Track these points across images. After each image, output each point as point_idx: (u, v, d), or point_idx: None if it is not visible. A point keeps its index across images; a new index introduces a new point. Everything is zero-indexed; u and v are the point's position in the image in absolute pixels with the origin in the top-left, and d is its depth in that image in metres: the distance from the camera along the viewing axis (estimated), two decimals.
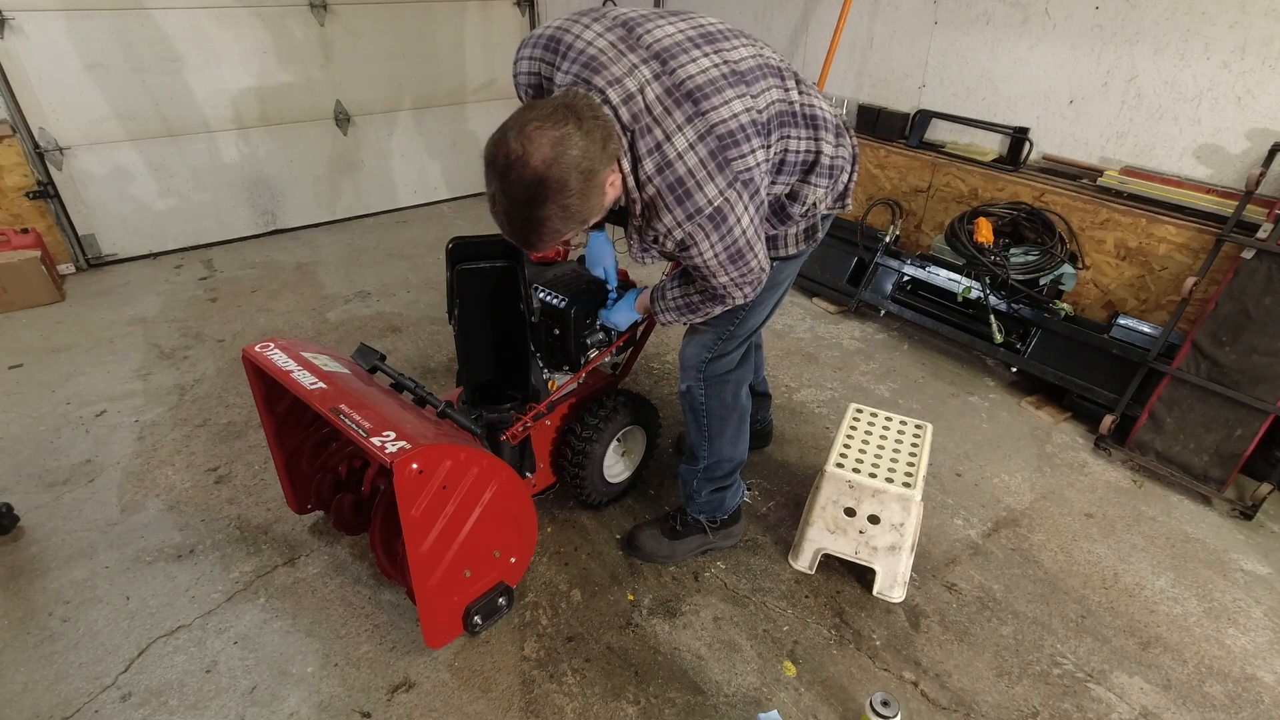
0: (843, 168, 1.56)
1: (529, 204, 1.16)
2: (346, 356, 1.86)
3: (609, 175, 1.23)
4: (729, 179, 1.26)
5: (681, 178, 1.24)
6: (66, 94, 3.46)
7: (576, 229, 1.26)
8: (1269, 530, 2.22)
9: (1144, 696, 1.68)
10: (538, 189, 1.14)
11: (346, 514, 1.89)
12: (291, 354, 1.71)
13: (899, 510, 1.79)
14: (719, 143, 1.25)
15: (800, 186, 1.50)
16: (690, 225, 1.28)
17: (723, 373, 1.75)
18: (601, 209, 1.27)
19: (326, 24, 4.09)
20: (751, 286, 1.46)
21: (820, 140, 1.48)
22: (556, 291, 2.02)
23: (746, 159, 1.29)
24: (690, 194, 1.25)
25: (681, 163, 1.23)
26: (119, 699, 1.62)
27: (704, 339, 1.73)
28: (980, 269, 2.83)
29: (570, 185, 1.15)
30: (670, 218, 1.28)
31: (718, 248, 1.32)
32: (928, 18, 3.29)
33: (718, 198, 1.26)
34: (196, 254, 4.05)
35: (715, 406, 1.79)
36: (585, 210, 1.21)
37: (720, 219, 1.28)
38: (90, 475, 2.29)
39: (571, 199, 1.16)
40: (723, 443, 1.84)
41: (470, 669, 1.70)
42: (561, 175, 1.14)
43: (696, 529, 1.99)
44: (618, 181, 1.27)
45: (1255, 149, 2.48)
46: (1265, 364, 2.26)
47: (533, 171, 1.13)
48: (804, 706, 1.64)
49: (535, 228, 1.20)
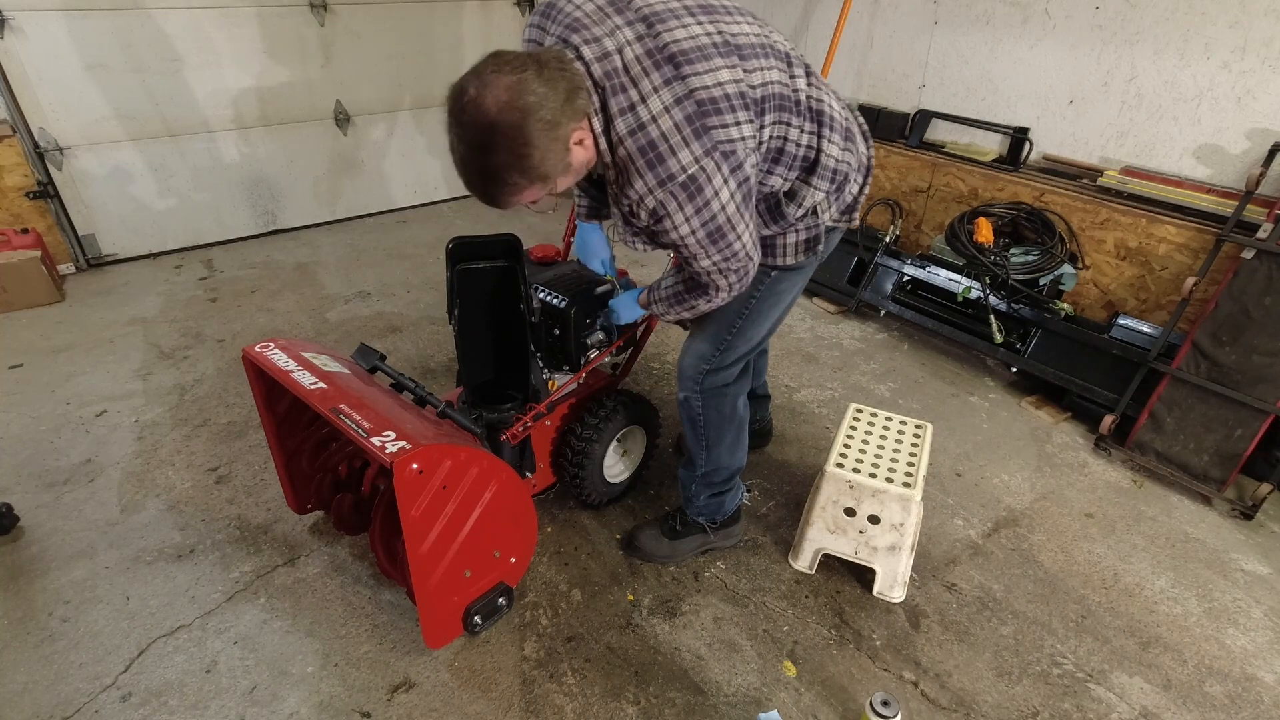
0: (848, 174, 1.48)
1: (482, 150, 1.12)
2: (346, 356, 1.86)
3: (574, 131, 1.16)
4: (706, 147, 1.18)
5: (654, 141, 1.16)
6: (66, 94, 3.46)
7: (539, 187, 1.20)
8: (1269, 530, 2.22)
9: (1144, 696, 1.68)
10: (490, 134, 1.09)
11: (346, 514, 1.89)
12: (291, 354, 1.71)
13: (899, 510, 1.79)
14: (698, 108, 1.17)
15: (800, 186, 1.43)
16: (662, 193, 1.19)
17: (720, 385, 1.72)
18: (568, 168, 1.21)
19: (326, 24, 4.09)
20: (737, 276, 1.38)
21: (824, 138, 1.41)
22: (556, 291, 2.02)
23: (729, 130, 1.20)
24: (663, 159, 1.17)
25: (655, 126, 1.16)
26: (119, 699, 1.62)
27: (701, 349, 1.70)
28: (980, 269, 2.83)
29: (525, 133, 1.09)
30: (641, 184, 1.20)
31: (694, 222, 1.23)
32: (928, 18, 3.29)
33: (692, 165, 1.17)
34: (196, 254, 4.05)
35: (713, 417, 1.77)
36: (544, 164, 1.14)
37: (695, 189, 1.19)
38: (90, 475, 2.29)
39: (527, 148, 1.11)
40: (720, 451, 1.83)
41: (470, 669, 1.70)
42: (515, 120, 1.08)
43: (696, 529, 1.98)
44: (588, 141, 1.21)
45: (1255, 149, 2.48)
46: (1265, 364, 2.26)
47: (485, 115, 1.08)
48: (804, 706, 1.64)
49: (491, 178, 1.16)
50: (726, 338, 1.66)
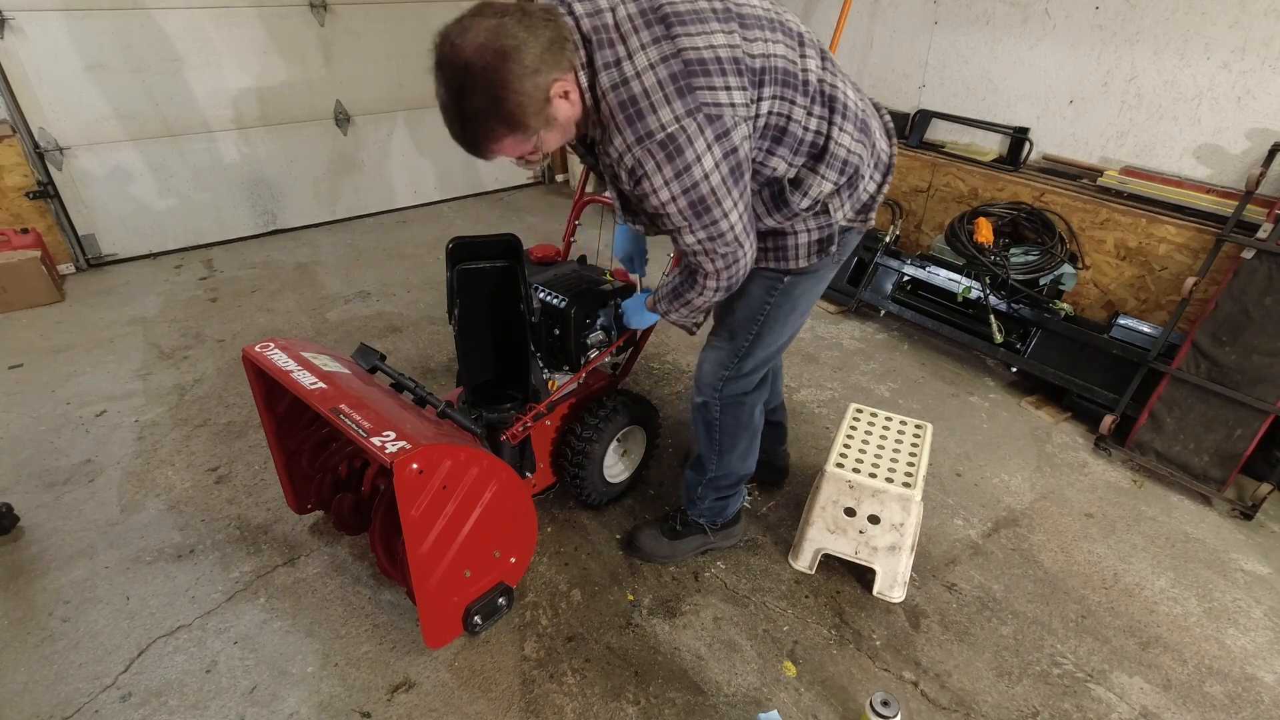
0: (858, 167, 1.39)
1: (460, 92, 1.11)
2: (346, 356, 1.86)
3: (555, 81, 1.14)
4: (689, 106, 1.14)
5: (635, 96, 1.14)
6: (66, 94, 3.46)
7: (519, 137, 1.17)
8: (1269, 530, 2.22)
9: (1144, 696, 1.68)
10: (466, 75, 1.09)
11: (346, 514, 1.89)
12: (291, 354, 1.71)
13: (899, 510, 1.79)
14: (684, 67, 1.14)
15: (806, 174, 1.36)
16: (639, 150, 1.15)
17: (739, 394, 1.71)
18: (550, 121, 1.18)
19: (326, 24, 4.09)
20: (724, 261, 1.32)
21: (834, 125, 1.33)
22: (556, 291, 2.02)
23: (717, 93, 1.15)
24: (642, 115, 1.14)
25: (638, 81, 1.13)
26: (119, 699, 1.62)
27: (719, 356, 1.68)
28: (980, 269, 2.83)
29: (501, 75, 1.08)
30: (620, 140, 1.17)
31: (674, 187, 1.18)
32: (928, 18, 3.29)
33: (672, 124, 1.13)
34: (196, 254, 4.05)
35: (729, 424, 1.76)
36: (521, 111, 1.12)
37: (674, 150, 1.15)
38: (90, 475, 2.29)
39: (503, 91, 1.09)
40: (732, 458, 1.83)
41: (470, 669, 1.70)
42: (492, 63, 1.07)
43: (696, 529, 1.98)
44: (574, 96, 1.18)
45: (1255, 149, 2.48)
46: (1265, 364, 2.26)
47: (462, 57, 1.08)
48: (804, 706, 1.64)
49: (469, 121, 1.14)
50: (744, 344, 1.64)
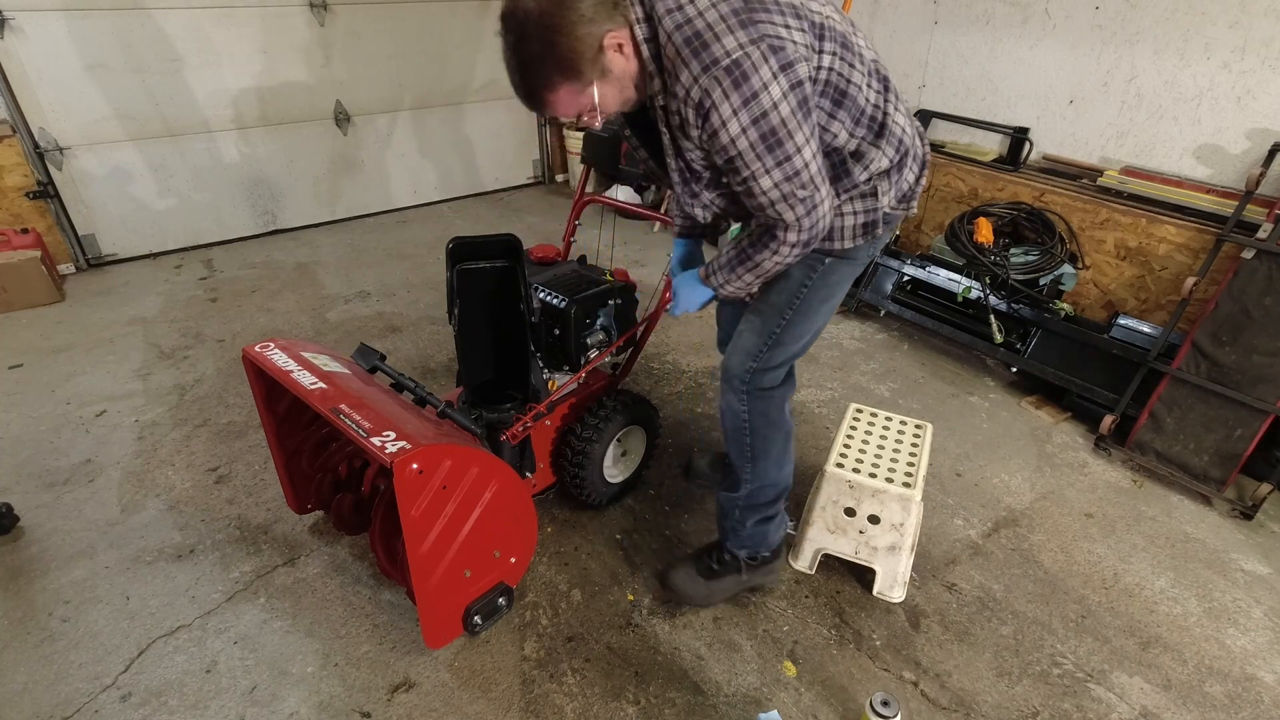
0: (908, 153, 1.44)
1: (520, 40, 1.20)
2: (346, 356, 1.86)
3: (609, 32, 1.21)
4: (753, 36, 1.17)
5: (699, 31, 1.18)
6: (66, 94, 3.47)
7: (575, 86, 1.24)
8: (1269, 530, 2.22)
9: (1144, 696, 1.68)
10: (525, 24, 1.18)
11: (346, 514, 1.89)
12: (291, 354, 1.71)
13: (899, 510, 1.79)
14: (745, 3, 1.19)
15: (868, 148, 1.38)
16: (706, 79, 1.18)
17: (767, 387, 1.64)
18: (605, 73, 1.25)
19: (326, 24, 4.09)
20: (805, 208, 1.29)
21: (890, 103, 1.38)
22: (556, 291, 2.03)
23: (777, 27, 1.19)
24: (707, 44, 1.18)
25: (701, 18, 1.19)
26: (119, 699, 1.62)
27: (748, 344, 1.62)
28: (980, 269, 2.83)
29: (556, 20, 1.17)
30: (687, 73, 1.20)
31: (743, 117, 1.19)
32: (928, 17, 3.29)
33: (736, 50, 1.16)
34: (196, 254, 4.05)
35: (759, 423, 1.67)
36: (576, 57, 1.20)
37: (740, 76, 1.16)
38: (90, 475, 2.29)
39: (557, 36, 1.17)
40: (768, 464, 1.71)
41: (470, 669, 1.70)
42: (547, 9, 1.17)
43: (733, 568, 1.84)
44: (628, 49, 1.25)
45: (1255, 149, 2.48)
46: (1265, 364, 2.26)
47: (523, 7, 1.18)
48: (804, 706, 1.64)
49: (527, 69, 1.23)
50: (775, 330, 1.59)
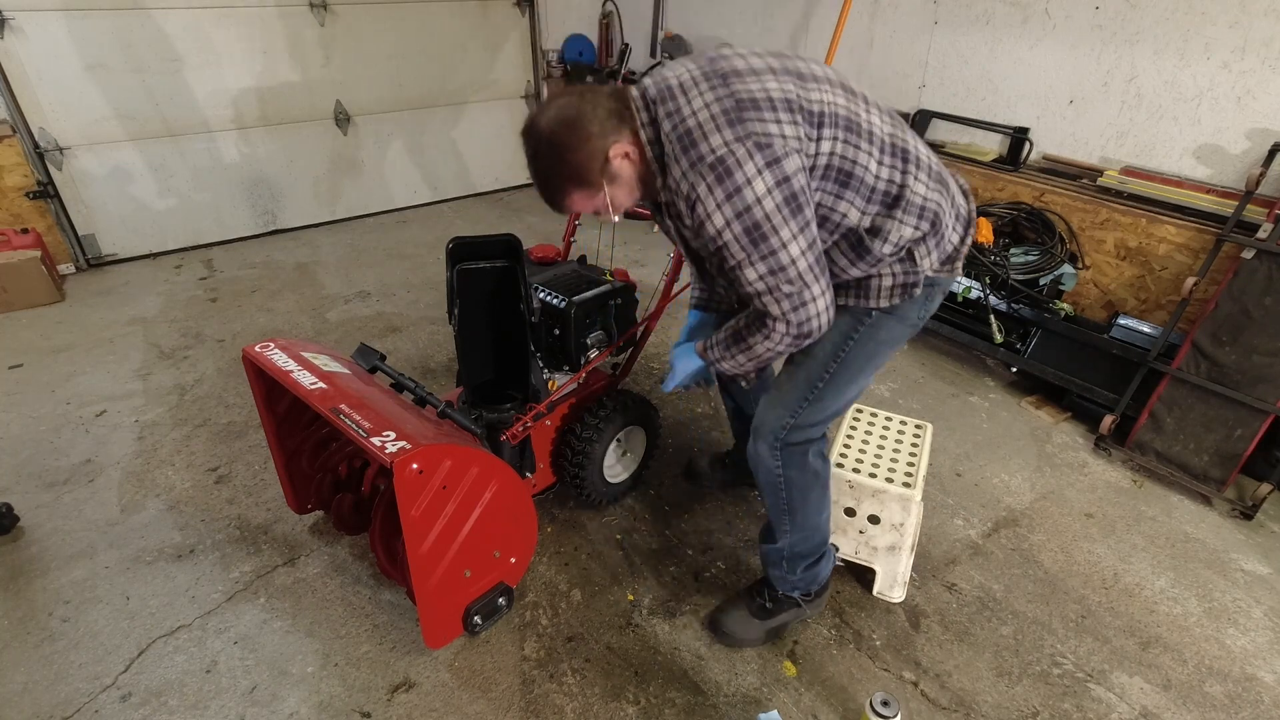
0: (940, 215, 1.38)
1: (536, 156, 1.34)
2: (346, 356, 1.86)
3: (614, 143, 1.30)
4: (738, 134, 1.21)
5: (690, 129, 1.25)
6: (66, 94, 3.47)
7: (588, 192, 1.35)
8: (1269, 530, 2.22)
9: (1144, 696, 1.68)
10: (540, 143, 1.32)
11: (346, 514, 1.89)
12: (291, 354, 1.71)
13: (899, 510, 1.79)
14: (735, 102, 1.23)
15: (884, 221, 1.34)
16: (693, 174, 1.24)
17: (802, 442, 1.56)
18: (614, 178, 1.34)
19: (326, 24, 4.09)
20: (791, 302, 1.28)
21: (909, 174, 1.34)
22: (556, 291, 2.03)
23: (767, 125, 1.22)
24: (695, 142, 1.24)
25: (694, 117, 1.25)
26: (119, 699, 1.62)
27: (787, 400, 1.54)
28: (980, 269, 2.83)
29: (566, 140, 1.29)
30: (677, 168, 1.27)
31: (726, 210, 1.22)
32: (928, 18, 3.29)
33: (721, 147, 1.21)
34: (196, 254, 4.05)
35: (794, 477, 1.58)
36: (585, 169, 1.31)
37: (724, 171, 1.20)
38: (90, 475, 2.30)
39: (568, 154, 1.30)
40: (807, 514, 1.63)
41: (470, 669, 1.70)
42: (558, 130, 1.29)
43: (788, 604, 1.77)
44: (634, 155, 1.33)
45: (1255, 149, 2.48)
46: (1265, 364, 2.26)
47: (539, 128, 1.31)
48: (804, 706, 1.64)
49: (543, 180, 1.36)
50: (817, 386, 1.50)
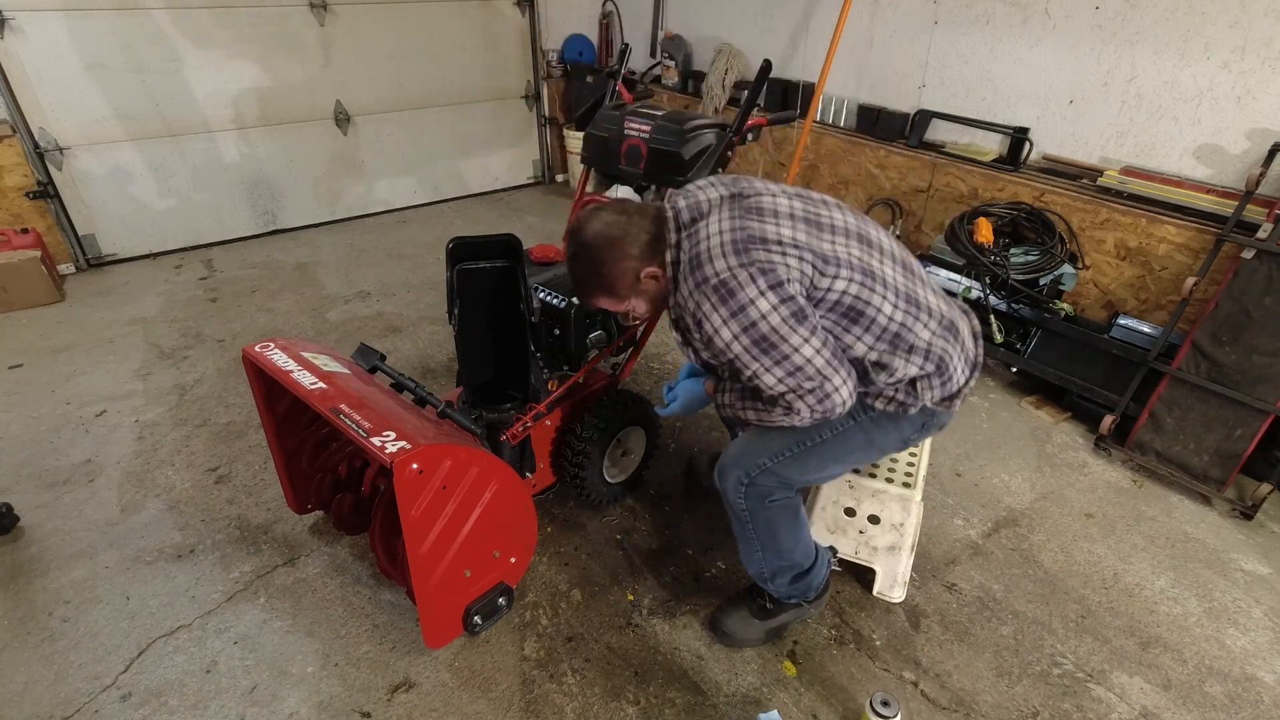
0: (946, 360, 1.44)
1: (576, 259, 1.48)
2: (346, 356, 1.86)
3: (645, 268, 1.43)
4: (742, 261, 1.31)
5: (699, 254, 1.36)
6: (66, 94, 3.47)
7: (614, 299, 1.49)
8: (1269, 530, 2.22)
9: (1144, 696, 1.68)
10: (582, 249, 1.46)
11: (346, 514, 1.89)
12: (291, 354, 1.71)
13: (899, 510, 1.79)
14: (745, 234, 1.34)
15: (889, 358, 1.41)
16: (698, 294, 1.34)
17: (769, 487, 1.55)
18: (640, 293, 1.47)
19: (326, 24, 4.09)
20: (815, 396, 1.35)
21: (918, 320, 1.41)
22: (556, 291, 2.03)
23: (771, 255, 1.31)
24: (701, 265, 1.34)
25: (705, 243, 1.36)
26: (119, 699, 1.62)
27: (771, 444, 1.53)
28: (980, 269, 2.83)
29: (605, 256, 1.43)
30: (685, 287, 1.38)
31: (732, 326, 1.30)
32: (928, 18, 3.29)
33: (725, 271, 1.31)
34: (196, 254, 4.05)
35: (758, 512, 1.58)
36: (615, 284, 1.45)
37: (726, 293, 1.30)
38: (90, 475, 2.30)
39: (604, 269, 1.44)
40: (780, 548, 1.62)
41: (470, 669, 1.70)
42: (600, 245, 1.43)
43: (789, 604, 1.77)
44: (663, 278, 1.44)
45: (1255, 149, 2.48)
46: (1265, 364, 2.26)
47: (584, 236, 1.45)
48: (804, 706, 1.64)
49: (580, 282, 1.51)
50: (805, 444, 1.52)
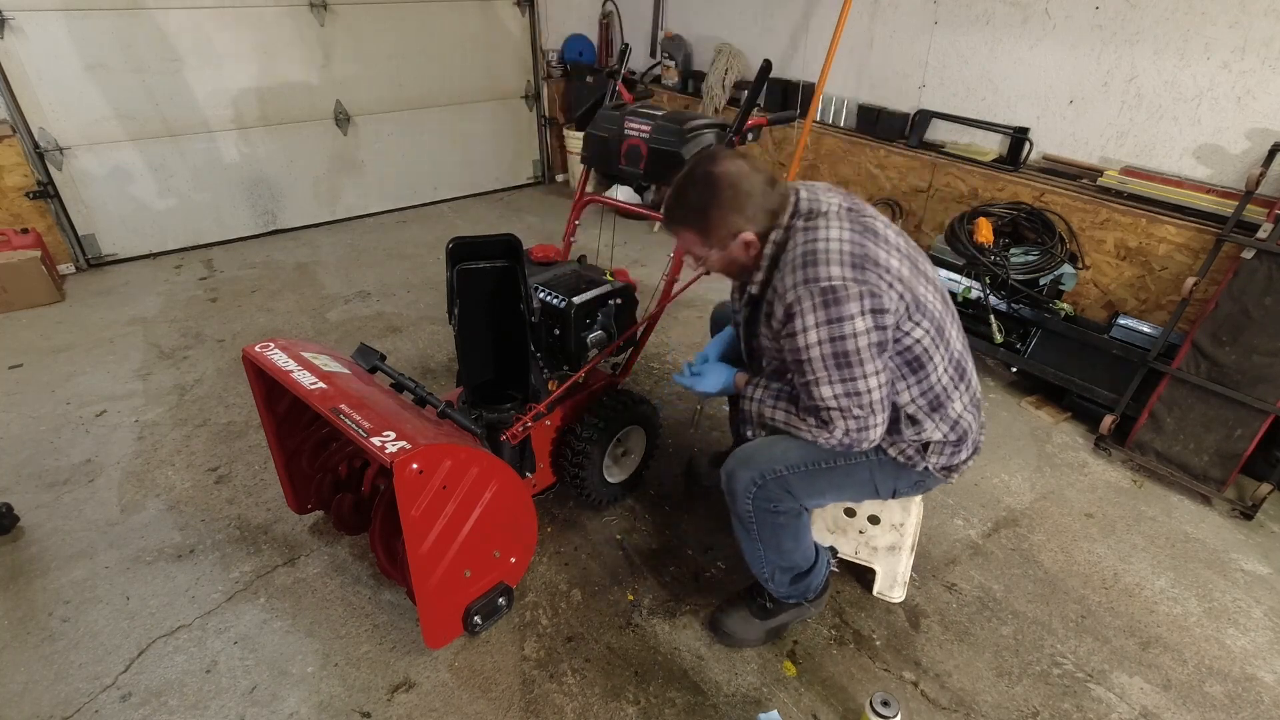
0: (968, 436, 1.52)
1: (691, 183, 1.41)
2: (346, 356, 1.86)
3: (747, 232, 1.40)
4: (857, 276, 1.29)
5: (816, 251, 1.33)
6: (66, 94, 3.47)
7: (698, 240, 1.44)
8: (1269, 530, 2.22)
9: (1144, 696, 1.68)
10: (704, 178, 1.39)
11: (346, 514, 1.89)
12: (291, 354, 1.71)
13: (899, 510, 1.79)
14: (863, 251, 1.32)
15: (924, 418, 1.45)
16: (802, 289, 1.31)
17: (778, 493, 1.52)
18: (725, 249, 1.43)
19: (326, 24, 4.09)
20: (858, 424, 1.35)
21: (959, 389, 1.47)
22: (556, 291, 2.03)
23: (881, 284, 1.30)
24: (815, 263, 1.31)
25: (824, 242, 1.34)
26: (119, 699, 1.62)
27: (789, 454, 1.50)
28: (980, 269, 2.83)
29: (721, 198, 1.38)
30: (790, 278, 1.34)
31: (820, 332, 1.29)
32: (928, 18, 3.29)
33: (838, 280, 1.29)
34: (196, 254, 4.05)
35: (765, 518, 1.56)
36: (714, 229, 1.41)
37: (831, 299, 1.28)
38: (90, 475, 2.29)
39: (712, 210, 1.39)
40: (780, 544, 1.61)
41: (470, 669, 1.70)
42: (723, 186, 1.37)
43: (789, 604, 1.77)
44: (754, 249, 1.42)
45: (1255, 149, 2.48)
46: (1265, 364, 2.26)
47: (713, 167, 1.39)
48: (804, 706, 1.64)
49: (679, 205, 1.44)
50: (820, 465, 1.51)
